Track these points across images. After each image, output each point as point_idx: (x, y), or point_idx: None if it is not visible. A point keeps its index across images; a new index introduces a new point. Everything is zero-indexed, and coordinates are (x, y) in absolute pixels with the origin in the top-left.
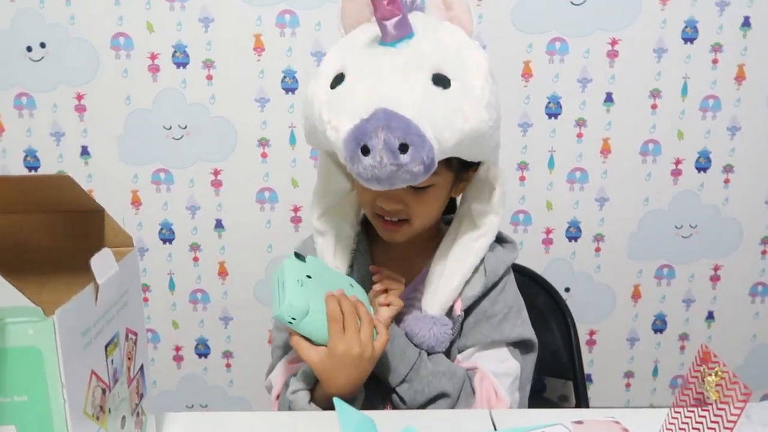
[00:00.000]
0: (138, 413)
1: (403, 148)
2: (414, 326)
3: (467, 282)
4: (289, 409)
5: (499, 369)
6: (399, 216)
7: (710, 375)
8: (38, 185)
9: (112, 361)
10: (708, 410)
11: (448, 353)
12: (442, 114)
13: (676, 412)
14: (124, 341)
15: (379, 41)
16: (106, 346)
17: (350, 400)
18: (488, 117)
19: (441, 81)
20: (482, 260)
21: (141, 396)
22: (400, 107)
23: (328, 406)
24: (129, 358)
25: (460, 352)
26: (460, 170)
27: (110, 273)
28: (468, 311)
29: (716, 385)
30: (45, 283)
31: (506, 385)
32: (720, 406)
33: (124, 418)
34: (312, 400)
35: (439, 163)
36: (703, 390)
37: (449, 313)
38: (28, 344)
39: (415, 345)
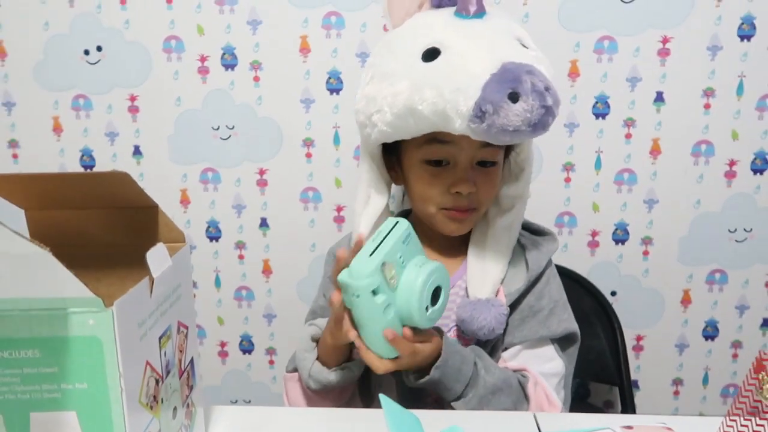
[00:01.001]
0: (188, 405)
1: (547, 90)
2: (473, 311)
3: (506, 277)
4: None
5: (547, 369)
6: (470, 202)
7: (767, 382)
8: (96, 182)
9: (165, 352)
10: (766, 419)
11: (487, 344)
12: (540, 68)
13: (731, 420)
14: (176, 334)
15: (455, 16)
16: (160, 338)
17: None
18: None
19: (524, 47)
20: (524, 253)
21: (191, 388)
22: (521, 59)
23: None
24: (180, 351)
25: (505, 349)
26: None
27: (164, 267)
28: (513, 307)
29: None
30: (101, 278)
31: (554, 384)
32: None
33: (175, 408)
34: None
35: None
36: (761, 398)
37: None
38: (88, 334)
39: (475, 330)
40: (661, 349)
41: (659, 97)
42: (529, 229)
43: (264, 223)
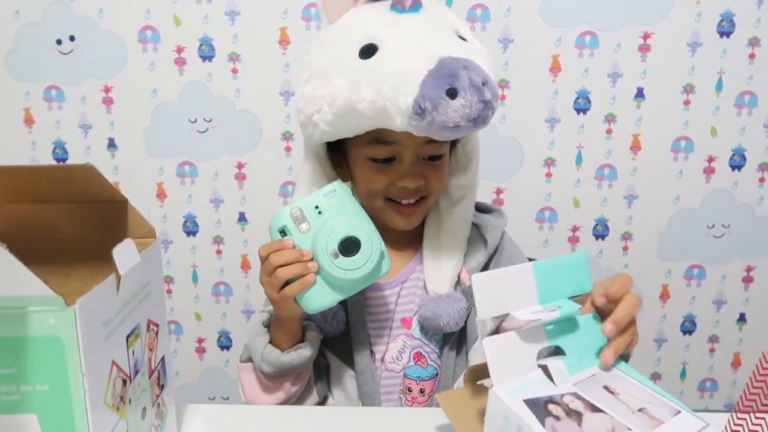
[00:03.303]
0: (159, 404)
1: (485, 84)
2: (435, 308)
3: (467, 255)
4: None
5: None
6: (420, 193)
7: None
8: (62, 175)
9: (134, 352)
10: None
11: (464, 328)
12: (479, 63)
13: (740, 418)
14: (146, 332)
15: (390, 10)
16: (128, 337)
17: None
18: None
19: (462, 39)
20: (479, 230)
21: (162, 387)
22: (458, 53)
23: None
24: (150, 350)
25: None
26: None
27: (132, 263)
28: None
29: None
30: (70, 273)
31: None
32: None
33: (144, 409)
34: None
35: None
36: None
37: (455, 288)
38: (49, 333)
39: (440, 327)
40: (639, 343)
41: (640, 93)
42: (478, 208)
43: (242, 218)
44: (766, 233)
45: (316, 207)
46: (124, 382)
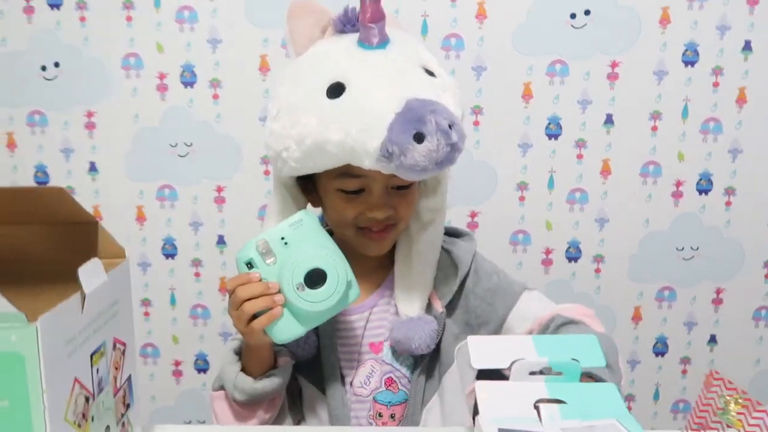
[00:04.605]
0: (124, 423)
1: (451, 128)
2: (407, 331)
3: (437, 279)
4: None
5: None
6: (390, 222)
7: (731, 403)
8: (33, 197)
9: (98, 369)
10: None
11: (438, 350)
12: (445, 101)
13: None
14: (112, 351)
15: (358, 46)
16: (92, 355)
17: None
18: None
19: (430, 74)
20: (450, 256)
21: (128, 407)
22: (425, 95)
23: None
24: (116, 368)
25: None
26: None
27: (98, 283)
28: (451, 308)
29: (738, 414)
30: (39, 294)
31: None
32: None
33: (108, 427)
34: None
35: None
36: (723, 419)
37: (427, 311)
38: (10, 350)
39: (411, 349)
40: None
41: (609, 120)
42: (448, 233)
43: (221, 241)
44: (733, 256)
45: (282, 238)
46: (87, 399)
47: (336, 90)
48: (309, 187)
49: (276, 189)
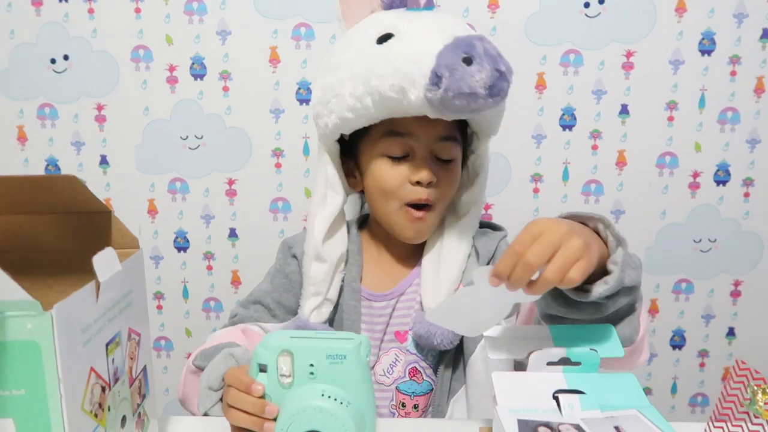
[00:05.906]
0: (140, 414)
1: (500, 56)
2: (429, 326)
3: (465, 273)
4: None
5: None
6: (430, 195)
7: (758, 393)
8: (45, 186)
9: (113, 360)
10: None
11: (461, 346)
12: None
13: (716, 426)
14: (127, 341)
15: (406, 10)
16: (107, 345)
17: None
18: None
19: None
20: (476, 249)
21: (143, 397)
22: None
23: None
24: (131, 359)
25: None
26: (464, 150)
27: (113, 272)
28: None
29: (766, 404)
30: (53, 284)
31: None
32: None
33: (124, 417)
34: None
35: (454, 136)
36: (750, 410)
37: None
38: (26, 338)
39: (434, 345)
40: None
41: (624, 110)
42: (485, 226)
43: (233, 234)
44: (752, 247)
45: (311, 365)
46: (103, 389)
47: (385, 38)
48: (350, 168)
49: (321, 159)
